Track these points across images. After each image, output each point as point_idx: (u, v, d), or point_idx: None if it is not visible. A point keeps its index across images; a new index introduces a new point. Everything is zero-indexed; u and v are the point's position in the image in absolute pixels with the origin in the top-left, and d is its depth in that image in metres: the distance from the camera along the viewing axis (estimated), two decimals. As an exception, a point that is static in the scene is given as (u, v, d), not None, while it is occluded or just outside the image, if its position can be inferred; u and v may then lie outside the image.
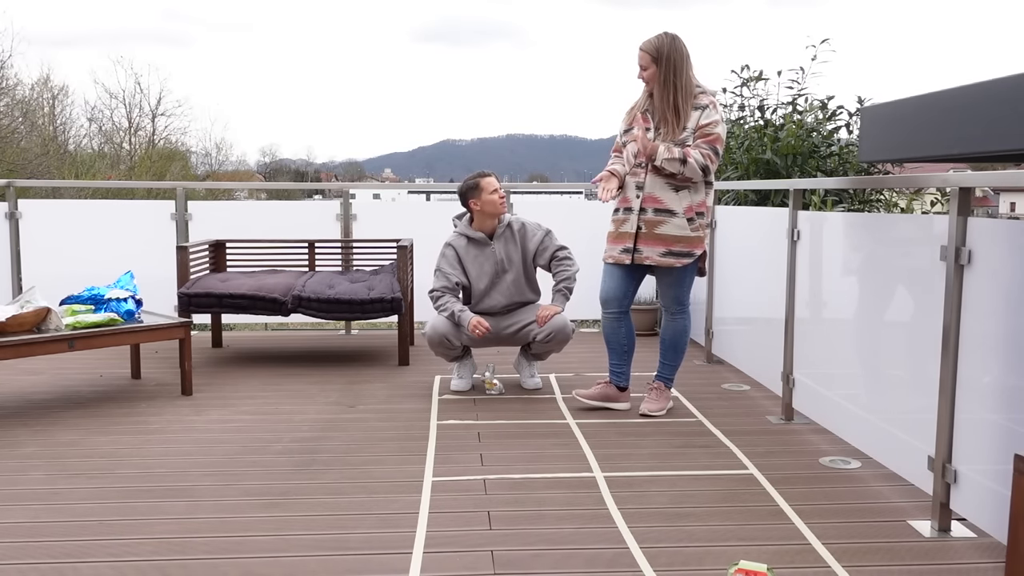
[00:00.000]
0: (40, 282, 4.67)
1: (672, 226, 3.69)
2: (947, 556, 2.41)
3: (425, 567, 2.33)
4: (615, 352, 3.93)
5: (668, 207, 3.68)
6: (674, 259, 3.72)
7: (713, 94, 3.73)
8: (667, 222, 3.69)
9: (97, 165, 23.82)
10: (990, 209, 34.60)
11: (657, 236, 3.70)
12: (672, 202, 3.68)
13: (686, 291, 3.85)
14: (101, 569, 2.32)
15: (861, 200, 6.38)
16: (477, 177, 4.26)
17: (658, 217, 3.69)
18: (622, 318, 3.89)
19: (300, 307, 4.76)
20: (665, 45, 3.66)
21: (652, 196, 3.69)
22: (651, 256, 3.72)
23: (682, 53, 3.66)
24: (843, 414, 3.35)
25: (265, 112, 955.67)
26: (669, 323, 3.91)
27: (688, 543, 2.49)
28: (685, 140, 3.64)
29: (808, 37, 7.12)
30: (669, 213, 3.69)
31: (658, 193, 3.68)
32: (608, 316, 3.89)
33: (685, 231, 3.69)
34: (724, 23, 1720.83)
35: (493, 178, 4.27)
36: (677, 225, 3.69)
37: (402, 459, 3.26)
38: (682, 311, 3.88)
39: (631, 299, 3.90)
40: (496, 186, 4.24)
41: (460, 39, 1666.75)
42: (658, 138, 3.70)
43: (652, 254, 3.72)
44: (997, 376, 2.34)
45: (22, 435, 3.57)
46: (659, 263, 3.73)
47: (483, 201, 4.22)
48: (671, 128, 3.67)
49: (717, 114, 3.66)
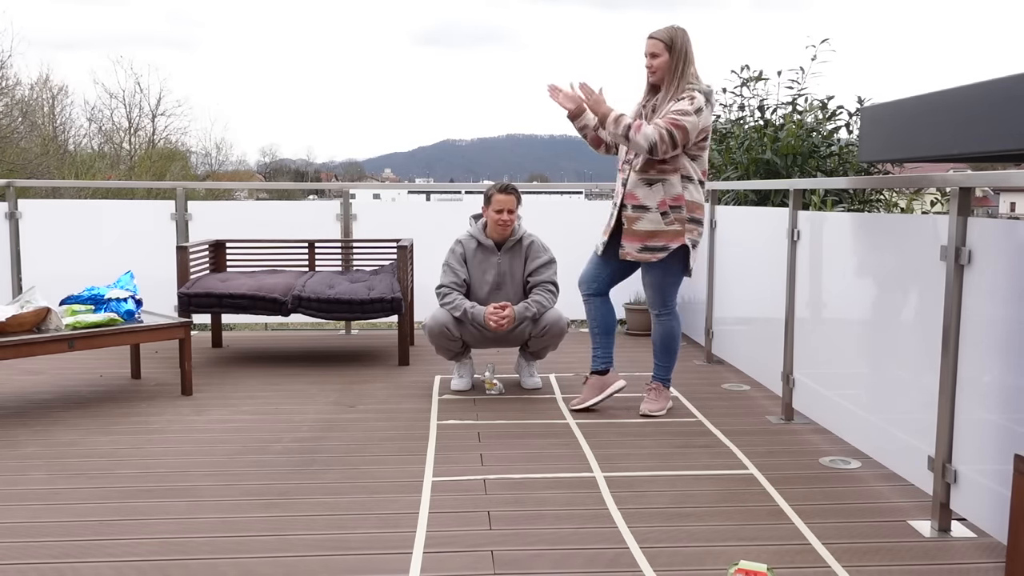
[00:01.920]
0: (40, 282, 4.67)
1: (646, 221, 3.71)
2: (947, 556, 2.41)
3: (425, 567, 2.33)
4: (592, 335, 3.99)
5: (642, 203, 3.71)
6: (649, 254, 3.73)
7: (704, 92, 3.63)
8: (642, 218, 3.72)
9: (97, 165, 23.82)
10: (990, 209, 34.60)
11: (634, 232, 3.74)
12: (646, 198, 3.70)
13: (670, 291, 3.83)
14: (101, 569, 2.32)
15: (861, 200, 6.38)
16: (496, 190, 4.22)
17: (635, 213, 3.73)
18: (592, 300, 3.95)
19: (300, 307, 4.76)
20: (678, 36, 3.65)
21: (631, 193, 3.73)
22: (630, 252, 3.76)
23: (690, 48, 3.67)
24: (843, 414, 3.35)
25: (265, 112, 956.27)
26: (656, 325, 3.91)
27: (688, 543, 2.49)
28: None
29: (808, 37, 7.12)
30: (643, 209, 3.71)
31: (635, 190, 3.72)
32: (583, 297, 3.97)
33: (659, 225, 3.69)
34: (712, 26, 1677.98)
35: (510, 198, 4.18)
36: (651, 220, 3.70)
37: (402, 459, 3.26)
38: (668, 312, 3.87)
39: (605, 283, 3.95)
40: (505, 206, 4.16)
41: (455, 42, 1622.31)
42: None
43: (631, 250, 3.76)
44: (997, 376, 2.34)
45: (22, 435, 3.57)
46: (637, 258, 3.76)
47: (488, 214, 4.23)
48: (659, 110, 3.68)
49: (689, 106, 3.55)
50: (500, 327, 4.09)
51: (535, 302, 4.18)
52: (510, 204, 4.18)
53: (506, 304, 4.13)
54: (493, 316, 4.08)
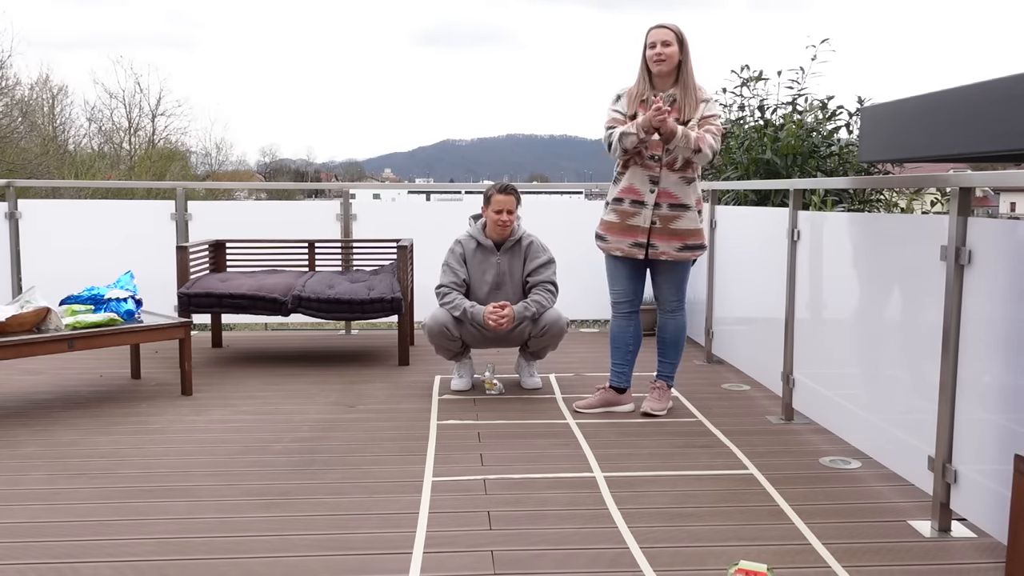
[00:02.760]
0: (40, 282, 4.67)
1: (687, 220, 3.71)
2: (947, 556, 2.41)
3: (425, 567, 2.33)
4: (619, 351, 3.92)
5: (682, 201, 3.70)
6: (690, 252, 3.75)
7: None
8: (682, 216, 3.70)
9: (97, 165, 23.82)
10: (990, 209, 34.60)
11: (672, 231, 3.70)
12: (685, 196, 3.70)
13: (685, 286, 3.88)
14: (100, 569, 2.32)
15: (861, 200, 6.38)
16: (496, 190, 4.22)
17: (674, 212, 3.69)
18: (633, 317, 3.89)
19: (300, 307, 4.76)
20: (683, 33, 3.69)
21: (667, 191, 3.68)
22: (668, 251, 3.72)
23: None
24: (843, 414, 3.35)
25: (265, 112, 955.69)
26: (669, 320, 3.90)
27: (688, 543, 2.49)
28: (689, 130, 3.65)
29: (808, 37, 7.12)
30: (683, 207, 3.70)
31: (672, 188, 3.68)
32: (620, 315, 3.88)
33: (697, 224, 3.74)
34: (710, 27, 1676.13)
35: (510, 199, 4.18)
36: (691, 219, 3.72)
37: (402, 459, 3.26)
38: (681, 307, 3.89)
39: (641, 297, 3.91)
40: (505, 206, 4.15)
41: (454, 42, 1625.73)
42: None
43: (669, 249, 3.72)
44: (997, 376, 2.34)
45: (22, 435, 3.57)
46: (677, 258, 3.73)
47: (488, 214, 4.23)
48: (683, 111, 3.66)
49: (719, 110, 3.73)
50: (499, 327, 4.09)
51: (534, 302, 4.17)
52: (509, 204, 4.18)
53: (505, 304, 4.13)
54: (492, 315, 4.08)
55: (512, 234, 4.27)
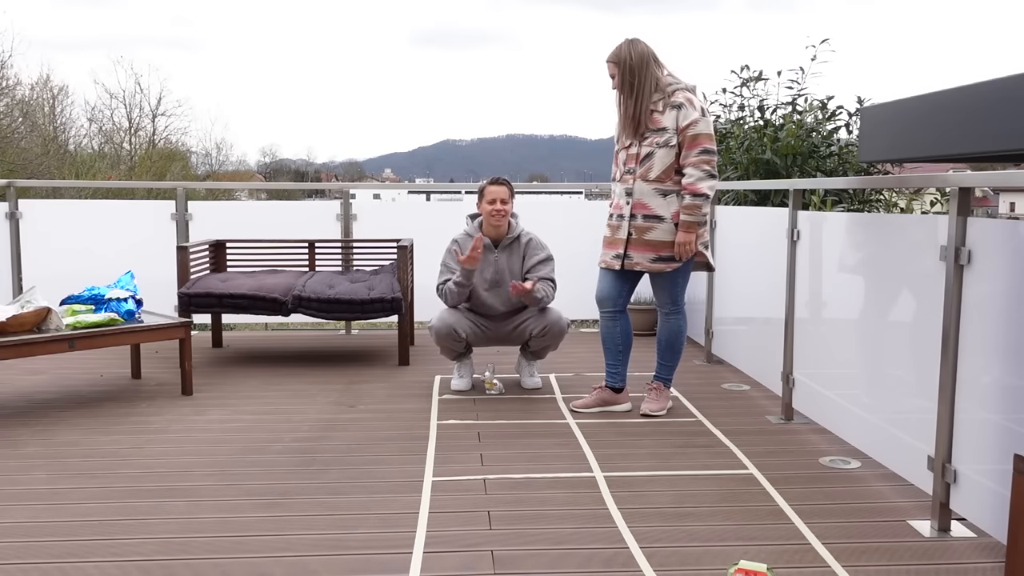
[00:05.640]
0: (40, 282, 4.68)
1: (660, 231, 3.69)
2: (947, 556, 2.41)
3: (425, 567, 2.34)
4: (610, 352, 3.93)
5: (656, 213, 3.69)
6: (663, 264, 3.73)
7: (690, 88, 3.69)
8: (655, 228, 3.69)
9: (97, 165, 23.80)
10: (990, 209, 34.60)
11: (646, 242, 3.71)
12: (660, 208, 3.68)
13: (680, 291, 3.85)
14: (107, 568, 2.32)
15: (861, 200, 6.38)
16: (487, 182, 4.23)
17: (647, 223, 3.70)
18: (617, 317, 3.89)
19: (300, 307, 4.77)
20: (623, 51, 3.67)
21: (641, 202, 3.70)
22: (642, 262, 3.73)
23: (642, 55, 3.65)
24: (843, 414, 3.35)
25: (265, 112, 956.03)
26: (664, 323, 3.91)
27: (688, 543, 2.49)
28: (668, 141, 3.63)
29: (808, 37, 7.12)
30: (657, 219, 3.69)
31: (647, 199, 3.69)
32: (604, 315, 3.90)
33: (672, 235, 3.69)
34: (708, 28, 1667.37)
35: (502, 188, 4.20)
36: (665, 230, 3.69)
37: (402, 459, 3.26)
38: (676, 311, 3.87)
39: (626, 299, 3.90)
40: (497, 196, 4.17)
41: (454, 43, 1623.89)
42: (634, 145, 3.71)
43: (643, 260, 3.73)
44: (997, 376, 2.35)
45: (23, 435, 3.57)
46: (649, 269, 3.74)
47: (483, 208, 4.22)
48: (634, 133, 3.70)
49: (695, 111, 3.61)
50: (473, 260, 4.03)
51: (542, 290, 4.18)
52: (502, 194, 4.18)
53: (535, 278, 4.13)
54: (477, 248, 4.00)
55: (510, 231, 4.27)
